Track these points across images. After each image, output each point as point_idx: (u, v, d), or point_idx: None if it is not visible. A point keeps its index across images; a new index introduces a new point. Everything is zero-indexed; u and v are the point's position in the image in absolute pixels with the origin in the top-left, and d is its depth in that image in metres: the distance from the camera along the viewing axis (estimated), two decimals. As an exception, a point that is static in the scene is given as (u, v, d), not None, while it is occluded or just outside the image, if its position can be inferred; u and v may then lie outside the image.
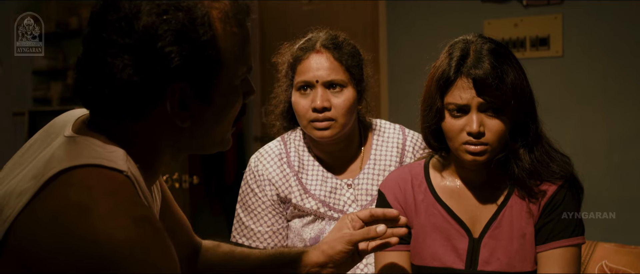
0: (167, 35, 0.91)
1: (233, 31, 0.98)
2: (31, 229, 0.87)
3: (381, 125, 1.90)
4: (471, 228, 1.53)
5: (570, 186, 1.52)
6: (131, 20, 0.92)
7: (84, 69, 0.96)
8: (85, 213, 0.85)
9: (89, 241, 0.83)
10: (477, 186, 1.55)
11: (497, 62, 1.42)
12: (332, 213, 1.78)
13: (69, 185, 0.89)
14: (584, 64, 3.71)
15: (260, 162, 1.83)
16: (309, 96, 1.73)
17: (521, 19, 3.80)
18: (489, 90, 1.41)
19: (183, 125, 0.98)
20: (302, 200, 1.79)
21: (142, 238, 0.85)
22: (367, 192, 1.80)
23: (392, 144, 1.85)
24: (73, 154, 0.93)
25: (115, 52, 0.92)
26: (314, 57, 1.73)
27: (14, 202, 0.90)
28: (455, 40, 1.50)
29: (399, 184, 1.61)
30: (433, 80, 1.48)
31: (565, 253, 1.48)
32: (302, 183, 1.80)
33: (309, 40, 1.78)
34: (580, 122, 3.71)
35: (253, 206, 1.81)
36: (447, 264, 1.52)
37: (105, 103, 0.95)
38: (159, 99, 0.95)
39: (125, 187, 0.90)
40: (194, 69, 0.94)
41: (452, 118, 1.46)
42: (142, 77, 0.92)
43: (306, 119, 1.73)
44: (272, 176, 1.80)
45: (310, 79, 1.72)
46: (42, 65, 5.02)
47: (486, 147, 1.44)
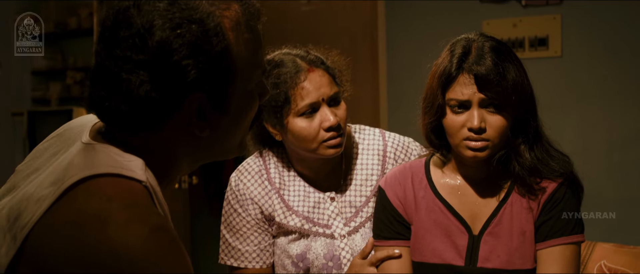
0: (182, 49, 0.91)
1: (245, 38, 0.98)
2: (49, 237, 0.87)
3: (360, 132, 1.82)
4: (471, 224, 1.54)
5: (570, 184, 1.52)
6: (144, 36, 0.91)
7: (99, 85, 0.96)
8: (104, 224, 0.85)
9: (107, 250, 0.84)
10: (478, 183, 1.56)
11: (499, 59, 1.43)
12: (317, 228, 1.74)
13: (88, 194, 0.89)
14: (583, 64, 3.71)
15: (240, 181, 1.77)
16: (316, 118, 1.63)
17: (520, 19, 3.80)
18: (490, 86, 1.42)
19: (202, 134, 0.98)
20: (286, 218, 1.74)
21: (158, 248, 0.86)
22: (351, 205, 1.75)
23: (373, 151, 1.78)
24: (92, 162, 0.93)
25: (131, 68, 0.91)
26: (309, 76, 1.63)
27: (33, 209, 0.90)
28: (458, 38, 1.52)
29: (400, 180, 1.61)
30: (435, 77, 1.49)
31: (564, 251, 1.49)
32: (284, 200, 1.75)
33: (288, 63, 1.65)
34: (580, 123, 3.71)
35: (238, 226, 1.76)
36: (447, 261, 1.53)
37: (123, 117, 0.95)
38: (176, 111, 0.95)
39: (143, 198, 0.91)
40: (210, 80, 0.94)
41: (453, 114, 1.46)
42: (159, 92, 0.92)
43: (317, 141, 1.64)
44: (254, 194, 1.75)
45: (316, 100, 1.63)
46: (41, 65, 5.02)
47: (487, 143, 1.45)
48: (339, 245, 1.73)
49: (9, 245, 0.90)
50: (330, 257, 1.72)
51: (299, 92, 1.62)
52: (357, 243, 1.73)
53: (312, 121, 1.63)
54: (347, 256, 1.72)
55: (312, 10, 4.57)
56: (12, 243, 0.90)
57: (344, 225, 1.74)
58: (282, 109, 1.63)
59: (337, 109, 1.66)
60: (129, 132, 0.97)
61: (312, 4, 4.58)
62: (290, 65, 1.64)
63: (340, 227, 1.74)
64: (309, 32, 4.50)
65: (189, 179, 3.82)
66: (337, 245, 1.73)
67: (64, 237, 0.86)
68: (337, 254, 1.72)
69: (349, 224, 1.74)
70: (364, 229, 1.74)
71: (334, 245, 1.72)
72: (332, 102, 1.66)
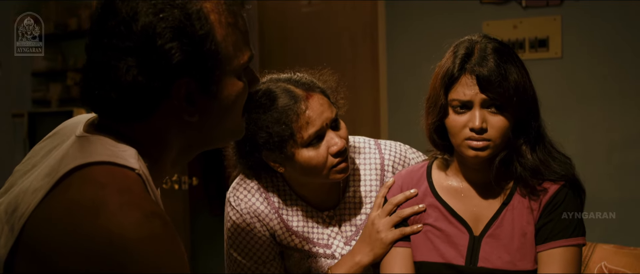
0: (165, 32, 0.93)
1: (229, 22, 1.00)
2: (45, 225, 0.89)
3: (356, 144, 1.75)
4: (472, 226, 1.54)
5: (572, 186, 1.53)
6: (129, 22, 0.94)
7: (89, 75, 0.98)
8: (98, 209, 0.86)
9: (101, 236, 0.85)
10: (480, 184, 1.56)
11: (501, 61, 1.44)
12: (317, 249, 1.69)
13: (82, 182, 0.90)
14: (583, 65, 3.71)
15: (240, 199, 1.69)
16: (322, 146, 1.55)
17: (520, 21, 3.80)
18: (492, 87, 1.43)
19: (191, 119, 0.99)
20: (286, 238, 1.69)
21: (152, 233, 0.87)
22: (351, 224, 1.70)
23: (371, 166, 1.72)
24: (86, 151, 0.95)
25: (118, 55, 0.94)
26: (309, 104, 1.53)
27: (29, 200, 0.92)
28: (461, 39, 1.53)
29: (401, 185, 1.63)
30: (438, 77, 1.51)
31: (565, 253, 1.49)
32: (283, 220, 1.68)
33: (282, 94, 1.54)
34: (580, 124, 3.71)
35: (248, 245, 1.68)
36: (448, 260, 1.54)
37: (113, 106, 0.97)
38: (165, 97, 0.97)
39: (137, 185, 0.92)
40: (196, 64, 0.96)
41: (455, 114, 1.47)
42: (146, 76, 0.94)
43: (327, 168, 1.57)
44: (258, 212, 1.67)
45: (321, 126, 1.54)
46: (41, 66, 5.01)
47: (488, 142, 1.46)
48: None
49: (7, 236, 0.92)
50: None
51: (303, 122, 1.53)
52: None
53: (319, 148, 1.56)
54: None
55: (313, 11, 4.57)
56: (10, 234, 0.91)
57: (345, 244, 1.70)
58: (286, 143, 1.54)
59: (339, 131, 1.59)
60: (121, 122, 0.99)
61: (312, 4, 4.58)
62: (286, 96, 1.54)
63: (341, 246, 1.70)
64: (309, 33, 4.51)
65: (189, 180, 3.82)
66: None
67: (58, 224, 0.88)
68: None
69: (349, 244, 1.70)
70: None
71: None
72: (334, 124, 1.59)
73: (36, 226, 0.89)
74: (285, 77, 1.61)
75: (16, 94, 4.93)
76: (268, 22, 4.65)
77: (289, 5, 4.62)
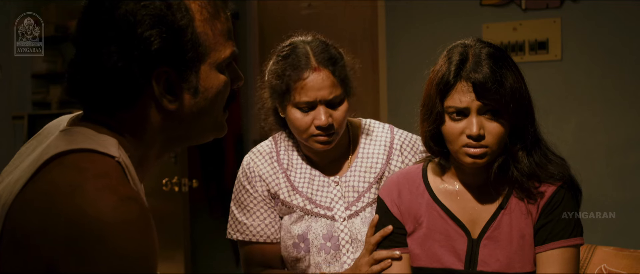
0: (145, 20, 0.95)
1: (210, 15, 1.02)
2: (24, 210, 0.90)
3: (370, 125, 1.90)
4: (470, 229, 1.54)
5: (569, 187, 1.53)
6: (112, 10, 0.96)
7: (74, 65, 1.01)
8: (74, 192, 0.88)
9: (75, 218, 0.86)
10: (477, 189, 1.56)
11: (496, 66, 1.44)
12: (318, 210, 1.79)
13: (61, 168, 0.92)
14: (583, 67, 3.71)
15: (251, 160, 1.86)
16: (310, 114, 1.71)
17: (520, 23, 3.80)
18: (488, 94, 1.42)
19: (170, 107, 1.00)
20: (290, 197, 1.81)
21: (126, 217, 0.87)
22: (354, 189, 1.81)
23: (380, 142, 1.85)
24: (67, 140, 0.96)
25: (100, 43, 0.96)
26: (312, 76, 1.69)
27: (10, 189, 0.93)
28: (454, 44, 1.52)
29: (398, 188, 1.62)
30: (433, 84, 1.49)
31: (563, 254, 1.49)
32: (290, 180, 1.82)
33: (300, 54, 1.71)
34: (579, 126, 3.72)
35: (246, 202, 1.84)
36: (447, 265, 1.53)
37: (95, 94, 0.99)
38: (145, 86, 0.98)
39: (115, 171, 0.93)
40: (175, 53, 0.98)
41: (452, 121, 1.47)
42: (125, 63, 0.95)
43: (307, 134, 1.73)
44: (263, 172, 1.83)
45: (312, 100, 1.69)
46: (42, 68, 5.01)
47: (486, 149, 1.45)
48: (338, 227, 1.78)
49: None
50: (329, 237, 1.77)
51: (299, 87, 1.69)
52: (357, 226, 1.77)
53: (306, 115, 1.71)
54: (346, 238, 1.77)
55: (312, 12, 4.58)
56: None
57: (346, 208, 1.79)
58: (283, 95, 1.71)
59: (334, 110, 1.72)
60: (103, 112, 1.01)
61: (312, 6, 4.58)
62: (302, 57, 1.70)
63: (342, 210, 1.79)
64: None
65: (190, 182, 3.82)
66: (337, 227, 1.78)
67: (36, 208, 0.89)
68: (336, 235, 1.77)
69: (350, 208, 1.79)
70: (365, 213, 1.78)
71: (333, 227, 1.78)
72: (331, 104, 1.71)
73: (16, 212, 0.91)
74: (316, 44, 1.75)
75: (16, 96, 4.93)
76: (268, 23, 4.65)
77: (289, 7, 4.62)
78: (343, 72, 1.74)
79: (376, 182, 1.80)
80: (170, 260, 3.81)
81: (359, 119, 1.92)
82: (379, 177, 1.81)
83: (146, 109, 1.00)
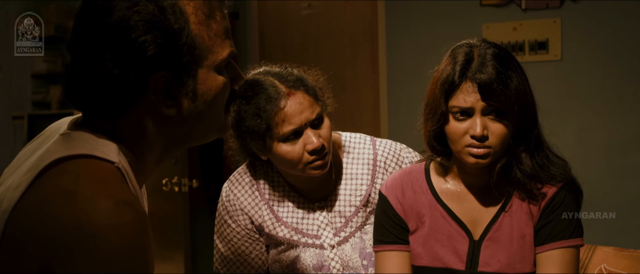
0: (139, 25, 0.94)
1: (206, 16, 1.00)
2: (23, 217, 0.90)
3: (350, 140, 1.79)
4: (472, 229, 1.54)
5: (570, 188, 1.53)
6: (105, 16, 0.95)
7: (71, 71, 1.00)
8: (70, 197, 0.88)
9: (71, 222, 0.86)
10: (479, 189, 1.56)
11: (502, 67, 1.43)
12: (306, 239, 1.73)
13: (60, 174, 0.92)
14: (583, 67, 3.71)
15: (231, 191, 1.76)
16: (298, 143, 1.60)
17: (520, 23, 3.80)
18: (493, 94, 1.42)
19: (169, 113, 1.00)
20: (275, 229, 1.73)
21: (121, 221, 0.87)
22: (341, 215, 1.74)
23: (363, 160, 1.76)
24: (66, 146, 0.96)
25: (95, 50, 0.96)
26: (290, 102, 1.58)
27: (11, 195, 0.93)
28: (458, 44, 1.51)
29: (401, 185, 1.62)
30: (437, 84, 1.49)
31: (563, 254, 1.49)
32: (273, 211, 1.74)
33: (268, 86, 1.60)
34: (580, 126, 3.72)
35: (229, 236, 1.76)
36: (448, 265, 1.53)
37: (93, 100, 0.99)
38: (143, 91, 0.97)
39: (113, 176, 0.93)
40: (171, 58, 0.97)
41: (455, 121, 1.47)
42: (120, 70, 0.95)
43: (302, 163, 1.62)
44: (244, 205, 1.75)
45: (298, 125, 1.59)
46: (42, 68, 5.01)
47: (489, 150, 1.45)
48: (328, 255, 1.72)
49: None
50: (319, 267, 1.71)
51: (280, 119, 1.58)
52: (347, 253, 1.72)
53: (296, 145, 1.60)
54: (337, 266, 1.71)
55: (313, 12, 4.58)
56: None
57: (334, 235, 1.73)
58: (265, 135, 1.61)
59: (320, 129, 1.63)
60: (102, 118, 1.00)
61: (312, 6, 4.58)
62: (269, 90, 1.59)
63: (330, 237, 1.73)
64: (309, 34, 4.51)
65: (189, 182, 3.82)
66: (327, 255, 1.72)
67: (34, 214, 0.89)
68: (327, 264, 1.71)
69: (338, 234, 1.73)
70: (354, 239, 1.73)
71: (323, 255, 1.72)
72: (316, 123, 1.62)
73: (16, 219, 0.91)
74: (275, 71, 1.65)
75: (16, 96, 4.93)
76: (268, 24, 4.65)
77: (289, 7, 4.62)
78: (313, 88, 1.65)
79: (363, 205, 1.73)
80: (170, 260, 3.81)
81: (338, 133, 1.81)
82: (365, 200, 1.74)
83: (145, 114, 1.00)
